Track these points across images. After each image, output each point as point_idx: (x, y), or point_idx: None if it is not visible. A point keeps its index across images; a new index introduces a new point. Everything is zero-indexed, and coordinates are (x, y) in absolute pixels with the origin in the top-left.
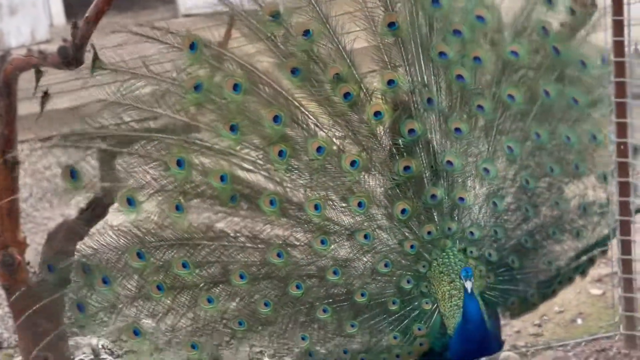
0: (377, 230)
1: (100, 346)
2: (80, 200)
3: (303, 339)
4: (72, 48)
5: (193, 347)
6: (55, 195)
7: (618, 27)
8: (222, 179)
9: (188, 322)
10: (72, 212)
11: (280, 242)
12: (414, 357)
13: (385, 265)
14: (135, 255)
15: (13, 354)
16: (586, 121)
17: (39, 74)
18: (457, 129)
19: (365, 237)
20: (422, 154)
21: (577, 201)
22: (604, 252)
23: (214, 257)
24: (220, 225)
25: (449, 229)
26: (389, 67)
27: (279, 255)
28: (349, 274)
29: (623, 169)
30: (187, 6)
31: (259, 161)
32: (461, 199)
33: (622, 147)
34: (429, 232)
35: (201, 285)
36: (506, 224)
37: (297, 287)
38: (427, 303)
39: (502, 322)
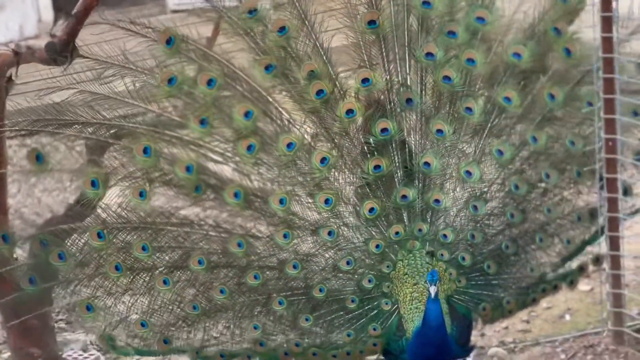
0: (342, 227)
1: (89, 342)
2: (68, 197)
3: (255, 328)
4: (60, 44)
5: (142, 325)
6: (21, 177)
7: (606, 23)
8: (187, 169)
9: (143, 302)
10: (60, 208)
11: (243, 232)
12: (365, 356)
13: (348, 263)
14: (95, 235)
15: (1, 350)
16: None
17: (9, 82)
18: (439, 131)
19: (330, 233)
20: (396, 153)
21: (572, 207)
22: (598, 263)
23: (176, 243)
24: (185, 212)
25: (420, 230)
26: (366, 64)
27: (239, 245)
28: (310, 269)
29: (611, 165)
30: (175, 2)
31: (227, 153)
32: (437, 201)
33: (610, 143)
34: (396, 233)
35: (160, 269)
36: (486, 228)
37: (255, 277)
38: (386, 304)
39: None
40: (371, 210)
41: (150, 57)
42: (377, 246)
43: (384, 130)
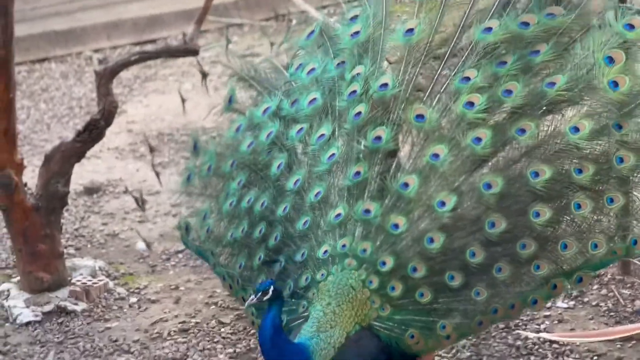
0: (314, 224)
1: (97, 268)
2: (77, 123)
3: (240, 266)
4: None
5: (207, 230)
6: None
7: None
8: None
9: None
10: (69, 134)
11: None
12: None
13: (302, 255)
14: (230, 163)
15: (11, 274)
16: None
17: None
18: (435, 155)
19: (305, 223)
20: (379, 163)
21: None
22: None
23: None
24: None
25: (363, 250)
26: (388, 64)
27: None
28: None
29: None
30: None
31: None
32: (395, 225)
33: None
34: (343, 245)
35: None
36: (436, 263)
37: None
38: (303, 307)
39: None
40: (338, 215)
41: None
42: (325, 252)
43: (377, 138)
